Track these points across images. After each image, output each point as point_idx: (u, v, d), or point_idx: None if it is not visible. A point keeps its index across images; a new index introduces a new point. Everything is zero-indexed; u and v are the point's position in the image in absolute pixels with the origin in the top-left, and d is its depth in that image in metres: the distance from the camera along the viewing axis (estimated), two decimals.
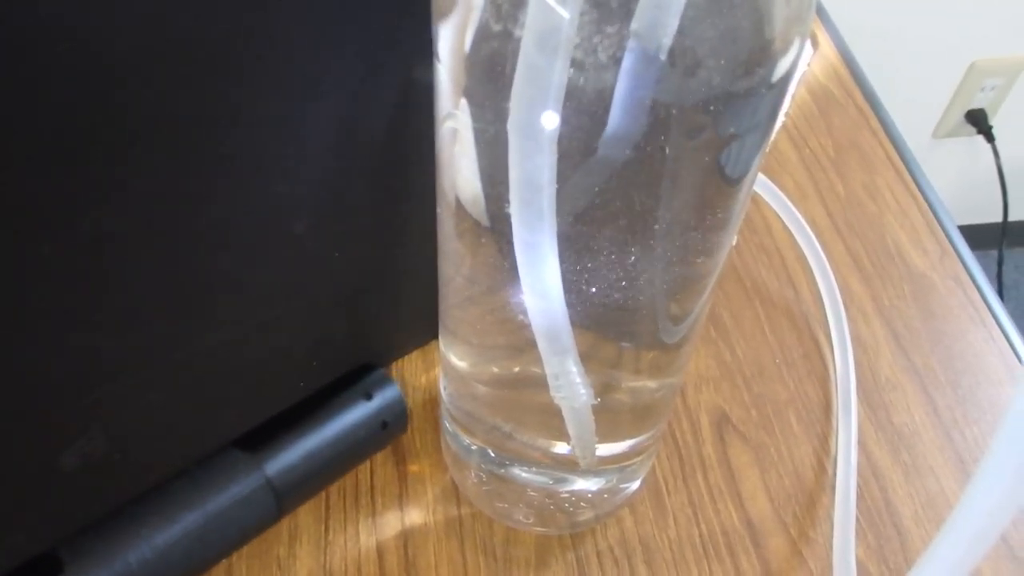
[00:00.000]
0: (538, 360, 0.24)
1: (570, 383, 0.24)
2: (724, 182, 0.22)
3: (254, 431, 0.28)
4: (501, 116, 0.18)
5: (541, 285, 0.21)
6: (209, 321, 0.29)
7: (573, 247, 0.22)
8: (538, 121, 0.18)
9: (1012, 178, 1.25)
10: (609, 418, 0.28)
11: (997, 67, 1.16)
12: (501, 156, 0.19)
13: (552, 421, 0.27)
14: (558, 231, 0.20)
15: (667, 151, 0.19)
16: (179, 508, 0.26)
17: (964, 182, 1.32)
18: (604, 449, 0.30)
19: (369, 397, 0.29)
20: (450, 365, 0.30)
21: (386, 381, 0.30)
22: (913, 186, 0.48)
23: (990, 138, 1.22)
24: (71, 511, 0.31)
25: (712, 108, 0.19)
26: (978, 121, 1.22)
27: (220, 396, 0.31)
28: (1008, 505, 0.20)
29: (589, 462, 0.29)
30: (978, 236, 1.33)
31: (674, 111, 0.19)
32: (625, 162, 0.20)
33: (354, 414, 0.29)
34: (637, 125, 0.19)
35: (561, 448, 0.30)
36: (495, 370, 0.29)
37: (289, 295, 0.31)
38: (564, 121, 0.18)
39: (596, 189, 0.21)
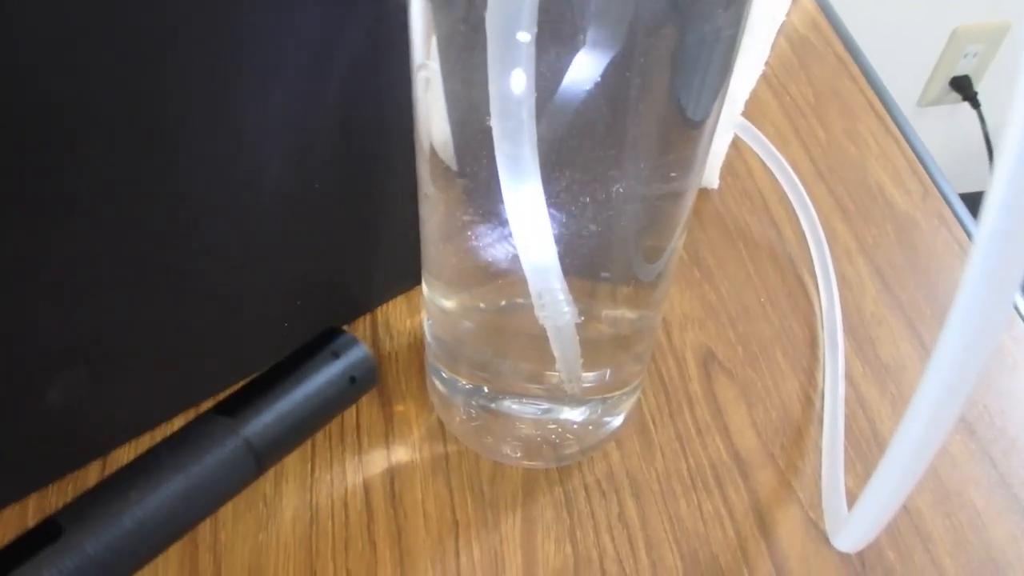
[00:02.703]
0: (522, 291, 0.24)
1: (554, 301, 0.24)
2: (686, 120, 0.23)
3: (231, 398, 0.31)
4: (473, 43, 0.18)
5: (524, 197, 0.22)
6: (188, 280, 0.30)
7: (548, 174, 0.22)
8: (515, 32, 0.18)
9: (1000, 145, 1.25)
10: (591, 345, 0.28)
11: (979, 32, 1.16)
12: (473, 96, 0.19)
13: (537, 350, 0.27)
14: None
15: (633, 58, 0.20)
16: (166, 471, 0.29)
17: (951, 150, 1.32)
18: (587, 376, 0.30)
19: (337, 356, 0.32)
20: (435, 307, 0.30)
21: (352, 341, 0.33)
22: (895, 129, 0.48)
23: (975, 104, 1.22)
24: (56, 454, 0.31)
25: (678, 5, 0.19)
26: (963, 88, 1.22)
27: (196, 351, 0.33)
28: (965, 377, 0.21)
29: (575, 386, 0.29)
30: (967, 204, 1.33)
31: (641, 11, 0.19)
32: (596, 71, 0.20)
33: (323, 373, 0.32)
34: (608, 26, 0.19)
35: (547, 377, 0.30)
36: (481, 306, 0.29)
37: (268, 246, 0.31)
38: (539, 31, 0.18)
39: (573, 98, 0.21)
